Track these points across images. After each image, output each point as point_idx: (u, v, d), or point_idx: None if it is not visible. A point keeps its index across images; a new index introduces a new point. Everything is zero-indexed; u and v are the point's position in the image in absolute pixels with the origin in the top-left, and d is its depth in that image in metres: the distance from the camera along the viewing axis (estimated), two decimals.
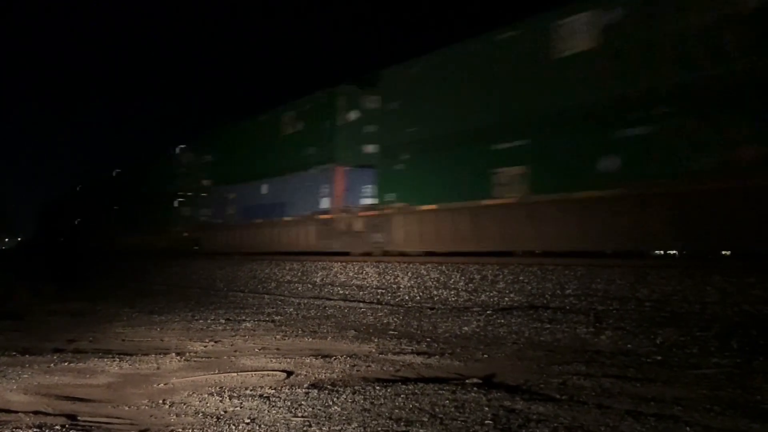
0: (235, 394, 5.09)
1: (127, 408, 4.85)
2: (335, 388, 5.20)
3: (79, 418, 4.60)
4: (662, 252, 12.32)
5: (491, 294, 11.38)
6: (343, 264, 16.19)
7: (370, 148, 18.28)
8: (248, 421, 4.33)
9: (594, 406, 4.54)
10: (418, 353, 6.89)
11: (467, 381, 5.44)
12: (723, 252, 11.22)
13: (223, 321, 10.07)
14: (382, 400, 4.81)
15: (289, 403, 4.76)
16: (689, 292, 9.33)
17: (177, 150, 30.17)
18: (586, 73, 11.82)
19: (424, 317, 9.78)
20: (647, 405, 4.57)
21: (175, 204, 29.86)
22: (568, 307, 9.73)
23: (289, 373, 5.94)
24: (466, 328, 8.69)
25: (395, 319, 9.83)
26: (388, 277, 14.23)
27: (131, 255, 32.05)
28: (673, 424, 4.07)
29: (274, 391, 5.20)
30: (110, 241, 38.93)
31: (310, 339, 8.16)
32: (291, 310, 11.60)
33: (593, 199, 11.73)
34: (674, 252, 12.15)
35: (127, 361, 6.68)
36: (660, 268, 10.32)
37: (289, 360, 6.61)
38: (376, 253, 17.22)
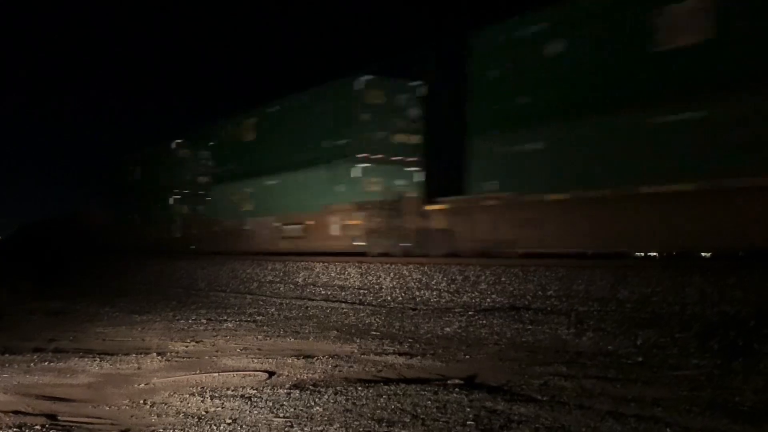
0: (217, 395, 5.08)
1: (107, 408, 4.82)
2: (317, 389, 5.20)
3: (59, 417, 4.57)
4: (642, 253, 12.41)
5: (473, 295, 11.41)
6: (325, 264, 16.18)
7: None
8: (230, 421, 4.31)
9: (575, 406, 4.57)
10: (400, 354, 6.90)
11: (449, 382, 5.45)
12: (702, 253, 11.32)
13: (205, 321, 10.03)
14: (364, 400, 4.82)
15: (270, 404, 4.75)
16: (669, 293, 9.40)
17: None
18: None
19: (406, 318, 9.79)
20: (628, 406, 4.60)
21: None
22: (549, 308, 9.77)
23: (271, 374, 5.93)
24: (447, 329, 8.71)
25: (377, 319, 9.83)
26: (370, 278, 14.22)
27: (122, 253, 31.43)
28: (654, 425, 4.10)
29: (255, 391, 5.19)
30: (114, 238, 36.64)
31: (292, 339, 8.15)
32: (273, 310, 11.57)
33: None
34: (654, 253, 12.24)
35: (107, 361, 6.64)
36: (640, 269, 10.40)
37: (270, 360, 6.59)
38: None
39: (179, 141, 29.54)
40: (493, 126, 14.24)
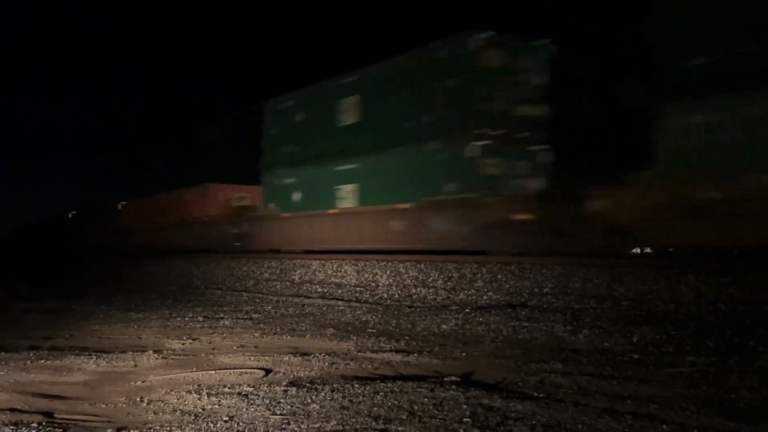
0: (214, 392, 5.08)
1: (104, 406, 4.81)
2: (314, 386, 5.20)
3: (55, 415, 4.56)
4: (638, 250, 12.43)
5: (469, 292, 11.43)
6: (322, 262, 16.18)
7: None
8: (226, 418, 4.31)
9: (571, 404, 4.58)
10: (397, 351, 6.90)
11: (445, 379, 5.46)
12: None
13: (201, 319, 10.03)
14: (360, 398, 4.82)
15: (267, 401, 4.75)
16: (665, 291, 9.42)
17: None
18: None
19: (403, 315, 9.79)
20: (623, 403, 4.61)
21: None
22: (545, 306, 9.79)
23: (268, 371, 5.93)
24: (444, 326, 8.71)
25: (374, 317, 9.84)
26: (366, 275, 14.23)
27: None
28: (649, 422, 4.11)
29: (252, 388, 5.19)
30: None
31: (289, 337, 8.15)
32: (269, 308, 11.57)
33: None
34: (650, 250, 12.26)
35: (104, 359, 6.64)
36: (636, 267, 10.42)
37: (267, 358, 6.59)
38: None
39: (488, 35, 15.10)
40: None
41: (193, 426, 4.19)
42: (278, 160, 21.73)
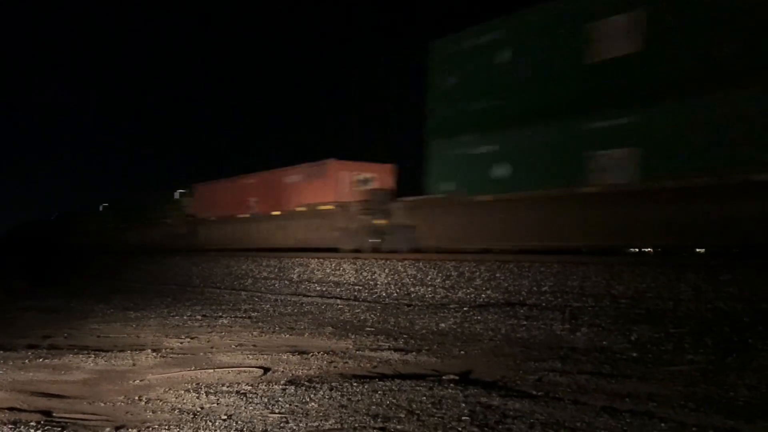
0: (212, 391, 5.07)
1: (102, 404, 4.81)
2: (312, 385, 5.20)
3: (54, 414, 4.56)
4: (637, 249, 12.41)
5: (468, 291, 11.42)
6: (320, 260, 16.16)
7: None
8: (225, 417, 4.31)
9: (570, 402, 4.58)
10: (395, 350, 6.90)
11: (444, 377, 5.46)
12: (697, 249, 11.34)
13: (200, 317, 10.02)
14: (359, 396, 4.82)
15: (266, 400, 4.75)
16: (664, 289, 9.42)
17: None
18: None
19: (401, 314, 9.79)
20: (622, 401, 4.61)
21: None
22: (544, 304, 9.78)
23: (266, 370, 5.93)
24: (443, 325, 8.71)
25: (372, 315, 9.83)
26: (365, 274, 14.22)
27: None
28: (648, 420, 4.11)
29: (250, 387, 5.19)
30: None
31: (287, 335, 8.14)
32: (268, 306, 11.56)
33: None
34: (649, 249, 12.25)
35: (102, 358, 6.64)
36: (634, 265, 10.41)
37: (265, 356, 6.59)
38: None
39: None
40: None
41: (191, 425, 4.18)
42: (462, 121, 14.86)
